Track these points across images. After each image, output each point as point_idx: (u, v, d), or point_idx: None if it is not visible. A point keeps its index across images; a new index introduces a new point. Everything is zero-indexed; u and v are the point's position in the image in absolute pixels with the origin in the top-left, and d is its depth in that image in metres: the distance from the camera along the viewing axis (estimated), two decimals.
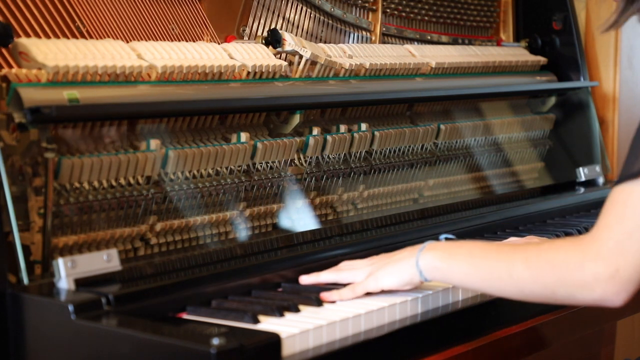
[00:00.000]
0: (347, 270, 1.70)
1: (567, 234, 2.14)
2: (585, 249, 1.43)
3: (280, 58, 1.99)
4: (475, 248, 1.57)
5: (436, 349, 1.59)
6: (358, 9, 2.34)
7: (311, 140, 2.01)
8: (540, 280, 1.47)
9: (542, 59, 2.73)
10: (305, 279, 1.70)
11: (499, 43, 2.76)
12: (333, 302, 1.61)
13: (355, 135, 2.11)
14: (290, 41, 2.00)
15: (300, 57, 2.02)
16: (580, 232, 2.16)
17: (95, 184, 1.64)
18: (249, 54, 1.92)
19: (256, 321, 1.47)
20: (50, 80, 1.59)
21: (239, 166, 1.87)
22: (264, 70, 1.93)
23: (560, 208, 2.41)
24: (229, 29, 2.05)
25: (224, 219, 1.85)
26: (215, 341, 1.28)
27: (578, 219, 2.35)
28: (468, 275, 1.55)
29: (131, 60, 1.71)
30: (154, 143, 1.72)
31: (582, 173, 2.68)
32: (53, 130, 1.59)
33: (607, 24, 1.56)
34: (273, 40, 2.00)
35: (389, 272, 1.62)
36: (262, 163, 1.92)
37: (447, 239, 1.86)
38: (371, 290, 1.63)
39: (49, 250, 1.56)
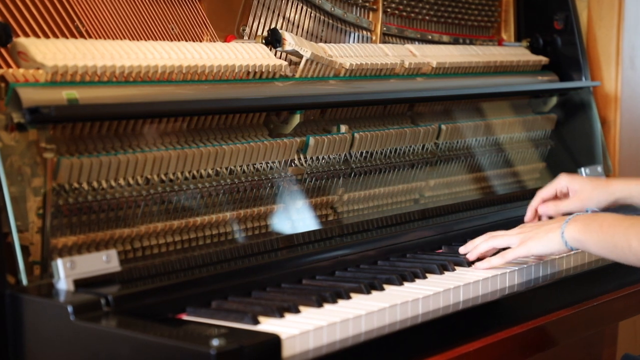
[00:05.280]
0: (501, 237, 1.90)
1: None
2: None
3: (280, 58, 1.99)
4: (606, 221, 1.77)
5: (437, 349, 1.59)
6: (358, 8, 2.33)
7: (311, 141, 2.00)
8: None
9: (543, 59, 2.72)
10: (463, 249, 1.94)
11: (500, 43, 2.75)
12: (486, 268, 1.85)
13: (356, 135, 2.10)
14: (290, 41, 1.99)
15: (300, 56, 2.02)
16: None
17: (95, 184, 1.63)
18: (248, 54, 1.92)
19: (256, 322, 1.47)
20: (49, 80, 1.58)
21: (239, 166, 1.86)
22: (263, 70, 1.92)
23: None
24: (229, 28, 2.04)
25: (224, 219, 1.85)
26: (215, 342, 1.28)
27: None
28: (599, 247, 1.76)
29: (130, 60, 1.70)
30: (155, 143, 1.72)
31: (584, 173, 2.67)
32: (52, 130, 1.59)
33: None
34: (273, 39, 1.99)
35: (538, 242, 1.83)
36: (262, 163, 1.91)
37: (593, 211, 2.04)
38: (522, 256, 1.85)
39: (48, 251, 1.55)
